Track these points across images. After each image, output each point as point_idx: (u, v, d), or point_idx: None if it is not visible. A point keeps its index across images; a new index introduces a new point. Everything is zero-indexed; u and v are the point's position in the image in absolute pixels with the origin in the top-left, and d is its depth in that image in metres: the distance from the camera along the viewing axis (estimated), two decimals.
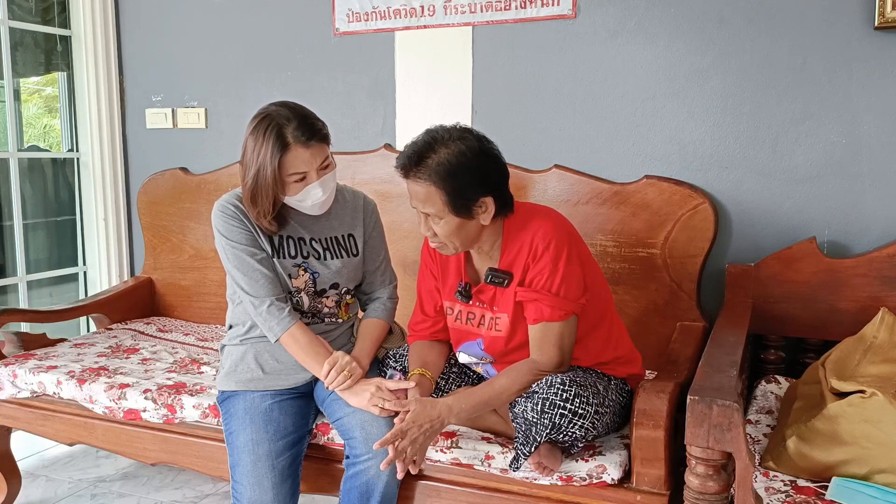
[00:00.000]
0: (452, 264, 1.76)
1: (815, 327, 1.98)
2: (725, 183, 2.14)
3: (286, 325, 1.73)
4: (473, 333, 1.74)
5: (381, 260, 1.96)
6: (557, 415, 1.49)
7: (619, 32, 2.21)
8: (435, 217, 1.60)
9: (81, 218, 3.08)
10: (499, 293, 1.68)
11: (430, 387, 1.74)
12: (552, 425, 1.50)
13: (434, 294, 1.81)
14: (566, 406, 1.50)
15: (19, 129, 3.04)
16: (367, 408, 1.68)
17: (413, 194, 1.62)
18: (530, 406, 1.53)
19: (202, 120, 2.87)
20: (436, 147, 1.57)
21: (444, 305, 1.79)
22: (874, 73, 1.96)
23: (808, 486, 1.43)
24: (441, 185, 1.56)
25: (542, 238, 1.61)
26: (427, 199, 1.58)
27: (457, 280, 1.74)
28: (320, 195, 1.73)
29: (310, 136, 1.67)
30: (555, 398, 1.50)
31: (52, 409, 2.16)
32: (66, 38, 2.99)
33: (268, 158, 1.65)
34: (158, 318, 2.83)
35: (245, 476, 1.63)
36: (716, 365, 1.45)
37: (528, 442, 1.52)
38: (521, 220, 1.66)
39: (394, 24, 2.49)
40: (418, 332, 1.84)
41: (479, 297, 1.71)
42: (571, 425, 1.50)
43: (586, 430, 1.52)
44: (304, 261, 1.81)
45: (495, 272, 1.66)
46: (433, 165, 1.56)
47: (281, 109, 1.69)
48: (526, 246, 1.62)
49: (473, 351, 1.75)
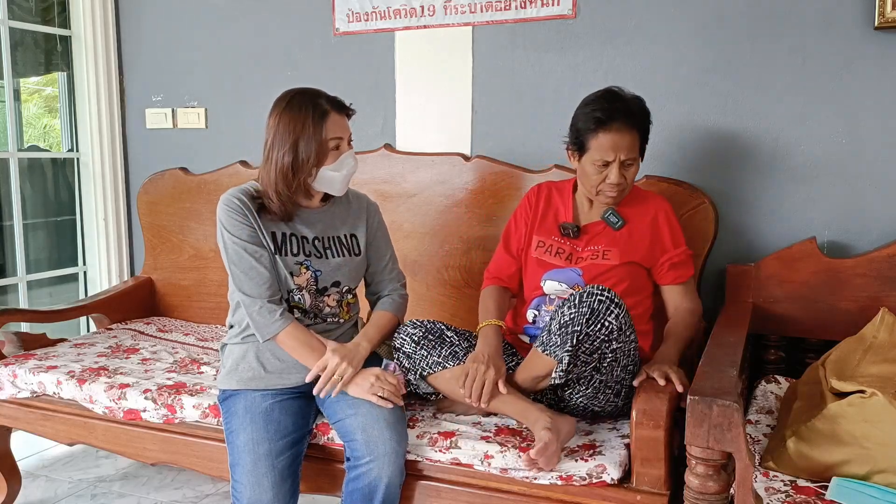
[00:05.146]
0: (553, 212, 1.95)
1: (815, 327, 1.99)
2: (725, 183, 2.14)
3: (276, 329, 1.74)
4: (559, 266, 1.87)
5: (388, 259, 1.98)
6: (595, 300, 1.57)
7: (619, 32, 2.21)
8: (631, 161, 1.80)
9: (81, 218, 3.08)
10: (603, 234, 1.87)
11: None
12: (590, 311, 1.56)
13: (521, 239, 1.97)
14: (604, 293, 1.58)
15: (19, 129, 3.04)
16: (367, 397, 1.69)
17: (616, 144, 1.76)
18: (567, 307, 1.60)
19: (202, 120, 2.87)
20: (627, 98, 1.80)
21: (534, 240, 1.93)
22: (874, 73, 1.96)
23: (808, 486, 1.43)
24: (641, 130, 1.80)
25: (668, 207, 1.90)
26: (632, 145, 1.78)
27: (556, 222, 1.93)
28: (353, 163, 1.83)
29: (341, 107, 1.81)
30: (593, 290, 1.59)
31: (52, 409, 2.16)
32: (66, 38, 2.99)
33: (311, 125, 1.74)
34: (158, 318, 2.83)
35: (245, 475, 1.63)
36: (716, 365, 1.45)
37: (567, 340, 1.58)
38: (635, 187, 1.91)
39: (394, 24, 2.49)
40: (499, 271, 1.98)
41: (583, 235, 1.90)
42: (608, 312, 1.56)
43: (619, 325, 1.57)
44: (307, 258, 1.82)
45: (614, 211, 1.86)
46: (639, 112, 1.80)
47: (306, 89, 1.81)
48: (651, 208, 1.88)
49: (567, 276, 1.86)
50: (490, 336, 1.80)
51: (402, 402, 1.73)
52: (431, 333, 1.81)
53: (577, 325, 1.56)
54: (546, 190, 2.00)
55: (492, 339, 1.79)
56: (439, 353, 1.78)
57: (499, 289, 1.97)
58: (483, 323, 1.85)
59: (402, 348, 1.81)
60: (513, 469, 1.61)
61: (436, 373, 1.77)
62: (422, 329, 1.82)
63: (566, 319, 1.59)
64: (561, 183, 2.01)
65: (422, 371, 1.78)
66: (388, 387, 1.71)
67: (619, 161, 1.77)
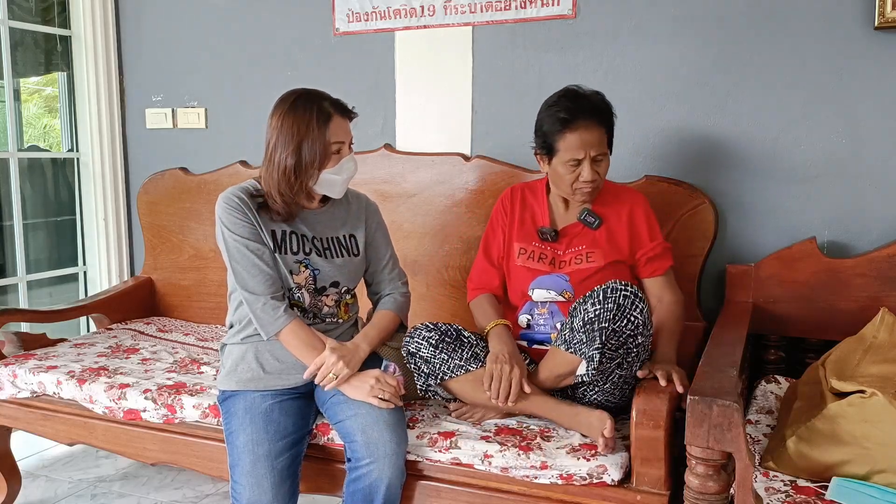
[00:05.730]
0: (529, 215, 1.94)
1: (815, 327, 1.98)
2: (725, 183, 2.14)
3: (280, 325, 1.74)
4: (545, 271, 1.87)
5: (388, 258, 1.98)
6: (621, 296, 1.56)
7: (619, 32, 2.21)
8: (601, 157, 1.80)
9: (81, 218, 3.08)
10: (582, 234, 1.86)
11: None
12: (616, 307, 1.55)
13: (500, 247, 1.96)
14: (628, 288, 1.57)
15: (19, 129, 3.04)
16: (366, 399, 1.69)
17: (584, 141, 1.76)
18: (590, 303, 1.59)
19: (202, 120, 2.87)
20: (588, 95, 1.80)
21: (515, 248, 1.91)
22: (874, 73, 1.96)
23: (808, 486, 1.43)
24: (606, 125, 1.80)
25: (642, 200, 1.90)
26: (600, 140, 1.78)
27: (534, 226, 1.92)
28: (353, 167, 1.83)
29: (344, 111, 1.80)
30: (616, 285, 1.58)
31: (52, 409, 2.16)
32: (66, 38, 2.99)
33: (315, 128, 1.73)
34: (158, 318, 2.83)
35: (244, 476, 1.63)
36: (716, 365, 1.45)
37: (594, 338, 1.57)
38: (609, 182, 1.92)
39: (394, 24, 2.49)
40: (484, 283, 1.96)
41: (562, 238, 1.89)
42: (634, 308, 1.56)
43: (645, 320, 1.58)
44: (306, 257, 1.82)
45: (590, 211, 1.85)
46: (602, 108, 1.80)
47: (309, 90, 1.80)
48: (626, 202, 1.87)
49: (555, 283, 1.85)
50: (504, 335, 1.78)
51: (401, 403, 1.73)
52: (448, 336, 1.77)
53: (603, 321, 1.56)
54: (520, 193, 1.98)
55: (506, 338, 1.78)
56: (461, 356, 1.75)
57: (489, 296, 1.95)
58: (492, 324, 1.82)
59: (418, 352, 1.76)
60: (513, 468, 1.61)
61: (458, 376, 1.75)
62: (437, 332, 1.77)
63: (591, 316, 1.58)
64: (533, 183, 2.00)
65: (442, 375, 1.75)
66: (388, 388, 1.70)
67: (590, 158, 1.77)
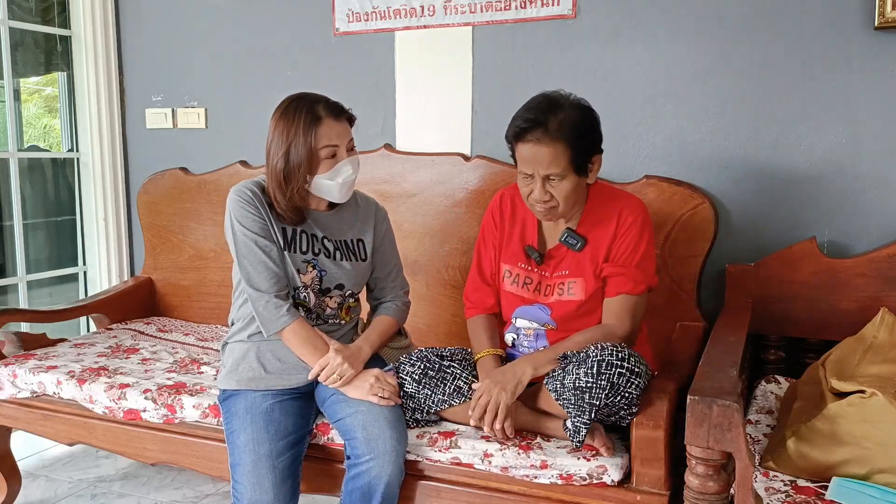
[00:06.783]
0: (518, 229, 1.82)
1: (815, 327, 1.98)
2: (725, 183, 2.14)
3: (282, 324, 1.74)
4: (529, 300, 1.78)
5: (393, 267, 1.98)
6: (615, 374, 1.49)
7: (619, 32, 2.21)
8: (556, 177, 1.64)
9: (81, 218, 3.08)
10: (569, 257, 1.74)
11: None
12: (610, 385, 1.49)
13: (492, 263, 1.86)
14: (623, 364, 1.50)
15: (19, 129, 3.04)
16: (366, 398, 1.69)
17: (533, 157, 1.63)
18: (584, 371, 1.52)
19: (202, 120, 2.87)
20: (560, 106, 1.63)
21: (502, 269, 1.82)
22: (874, 74, 1.96)
23: (808, 486, 1.43)
24: (570, 142, 1.61)
25: (631, 211, 1.71)
26: (553, 160, 1.61)
27: (521, 245, 1.80)
28: (350, 171, 1.77)
29: (339, 113, 1.76)
30: (611, 358, 1.51)
31: (52, 409, 2.16)
32: (66, 38, 2.99)
33: (301, 132, 1.70)
34: (158, 318, 2.83)
35: (245, 476, 1.63)
36: (716, 365, 1.45)
37: (584, 411, 1.52)
38: (609, 191, 1.79)
39: (394, 24, 2.49)
40: (480, 302, 1.88)
41: (548, 260, 1.77)
42: (629, 385, 1.50)
43: (640, 392, 1.52)
44: (315, 257, 1.82)
45: (572, 232, 1.73)
46: (566, 123, 1.61)
47: (308, 94, 1.78)
48: (614, 215, 1.72)
49: (536, 315, 1.76)
50: (489, 367, 1.73)
51: (401, 402, 1.73)
52: (431, 369, 1.74)
53: (595, 399, 1.50)
54: (510, 200, 1.86)
55: (491, 369, 1.72)
56: (443, 390, 1.72)
57: (484, 318, 1.87)
58: (481, 353, 1.78)
59: (402, 388, 1.74)
60: (513, 468, 1.62)
61: (443, 409, 1.73)
62: (420, 365, 1.74)
63: (581, 384, 1.51)
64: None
65: (427, 409, 1.74)
66: (388, 387, 1.71)
67: (541, 176, 1.63)
